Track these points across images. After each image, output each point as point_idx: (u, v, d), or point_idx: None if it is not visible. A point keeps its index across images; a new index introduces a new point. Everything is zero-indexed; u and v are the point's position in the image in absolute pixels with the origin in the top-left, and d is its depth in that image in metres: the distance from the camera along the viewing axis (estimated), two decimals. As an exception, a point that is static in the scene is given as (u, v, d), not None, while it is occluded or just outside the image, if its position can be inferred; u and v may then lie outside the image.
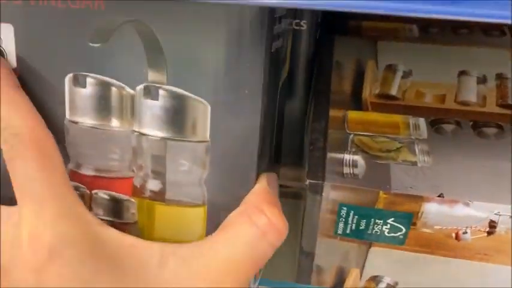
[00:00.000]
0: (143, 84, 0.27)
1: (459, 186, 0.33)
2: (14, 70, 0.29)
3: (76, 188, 0.30)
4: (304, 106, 0.45)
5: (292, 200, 0.41)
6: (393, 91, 0.40)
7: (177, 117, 0.27)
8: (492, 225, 0.32)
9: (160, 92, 0.27)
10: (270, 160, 0.33)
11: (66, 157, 0.29)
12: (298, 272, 0.41)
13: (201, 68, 0.26)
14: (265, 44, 0.26)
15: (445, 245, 0.34)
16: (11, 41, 0.28)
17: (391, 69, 0.42)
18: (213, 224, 0.29)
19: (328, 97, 0.40)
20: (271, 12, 0.26)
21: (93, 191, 0.30)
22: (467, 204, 0.32)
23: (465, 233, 0.33)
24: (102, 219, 0.28)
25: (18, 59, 0.28)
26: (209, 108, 0.27)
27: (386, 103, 0.39)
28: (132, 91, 0.28)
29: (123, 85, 0.28)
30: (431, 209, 0.33)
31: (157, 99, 0.27)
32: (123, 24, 0.26)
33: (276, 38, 0.29)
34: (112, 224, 0.29)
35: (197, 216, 0.29)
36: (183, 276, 0.26)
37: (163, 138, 0.28)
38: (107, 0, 0.26)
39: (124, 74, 0.27)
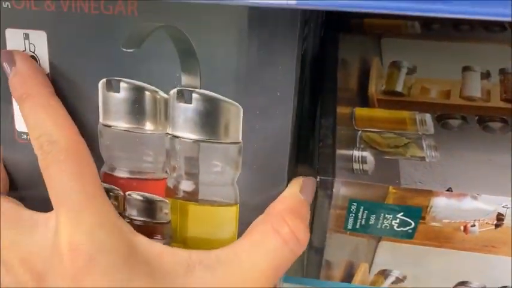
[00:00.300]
0: (177, 88, 0.28)
1: (467, 180, 0.33)
2: (47, 76, 0.29)
3: (110, 190, 0.31)
4: (310, 103, 0.45)
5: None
6: (399, 87, 0.41)
7: (210, 119, 0.28)
8: (500, 218, 0.33)
9: (194, 95, 0.28)
10: (295, 159, 0.33)
11: (99, 160, 0.30)
12: (306, 267, 0.42)
13: (234, 71, 0.27)
14: (296, 47, 0.26)
15: (454, 238, 0.35)
16: (44, 47, 0.28)
17: (395, 66, 0.43)
18: (244, 222, 0.30)
19: (335, 94, 0.40)
20: (302, 15, 0.26)
21: (127, 193, 0.31)
22: (475, 198, 0.33)
23: (473, 226, 0.34)
24: (136, 220, 0.29)
25: (51, 65, 0.29)
26: (241, 110, 0.28)
27: (392, 99, 0.40)
28: (165, 95, 0.28)
29: (157, 89, 0.28)
30: (440, 203, 0.33)
31: (190, 103, 0.28)
32: (156, 29, 0.26)
33: (304, 40, 0.29)
34: (145, 225, 0.30)
35: (229, 215, 0.30)
36: (208, 284, 0.27)
37: (197, 141, 0.28)
38: (140, 6, 0.26)
39: (157, 78, 0.28)
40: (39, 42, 0.28)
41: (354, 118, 0.38)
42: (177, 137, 0.29)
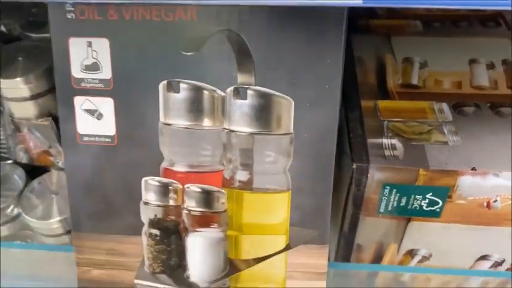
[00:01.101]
0: (233, 86, 0.30)
1: (488, 159, 0.37)
2: (109, 80, 0.31)
3: (169, 184, 0.33)
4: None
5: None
6: (414, 80, 0.44)
7: (263, 113, 0.30)
8: (519, 192, 0.37)
9: (249, 92, 0.30)
10: None
11: (159, 156, 0.32)
12: (337, 251, 0.44)
13: (286, 67, 0.29)
14: (342, 43, 0.29)
15: (477, 214, 0.38)
16: (107, 54, 0.31)
17: (408, 61, 0.46)
18: (295, 208, 0.32)
19: (357, 89, 0.43)
20: (348, 12, 0.29)
21: (186, 186, 0.33)
22: (497, 175, 0.36)
23: (495, 201, 0.37)
24: (194, 211, 0.31)
25: (113, 69, 0.31)
26: (293, 103, 0.30)
27: (410, 92, 0.43)
28: (222, 93, 0.31)
29: (215, 88, 0.31)
30: (466, 182, 0.36)
31: (246, 99, 0.30)
32: (215, 33, 0.29)
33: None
34: (203, 215, 0.32)
35: (282, 201, 0.33)
36: None
37: (251, 133, 0.31)
38: (199, 12, 0.28)
39: (215, 78, 0.30)
40: (102, 49, 0.30)
41: (378, 110, 0.41)
42: (233, 131, 0.31)
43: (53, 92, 0.46)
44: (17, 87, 0.43)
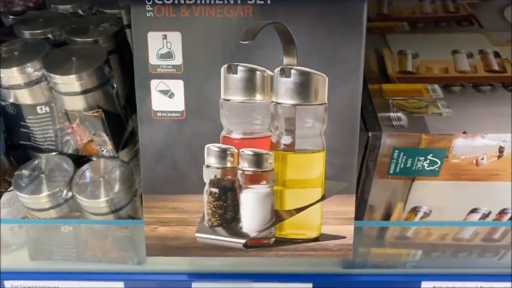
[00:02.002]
0: (279, 67, 0.38)
1: (476, 125, 0.46)
2: (180, 66, 0.38)
3: (227, 149, 0.40)
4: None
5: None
6: (409, 68, 0.54)
7: (303, 88, 0.38)
8: (501, 150, 0.45)
9: (292, 71, 0.38)
10: None
11: (220, 127, 0.40)
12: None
13: (322, 51, 0.38)
14: (364, 31, 0.38)
15: (468, 170, 0.47)
16: (179, 44, 0.38)
17: (402, 53, 0.56)
18: (329, 164, 0.40)
19: (364, 77, 0.52)
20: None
21: (241, 150, 0.40)
22: (483, 137, 0.45)
23: (482, 159, 0.46)
24: (247, 170, 0.39)
25: (184, 57, 0.38)
26: (327, 79, 0.39)
27: (407, 77, 0.52)
28: (271, 73, 0.38)
29: (265, 69, 0.38)
30: (459, 143, 0.45)
31: (290, 77, 0.38)
32: (266, 25, 0.37)
33: None
34: (255, 174, 0.40)
35: (319, 159, 0.40)
36: None
37: (294, 105, 0.39)
38: (254, 9, 0.36)
39: (265, 61, 0.38)
40: (175, 40, 0.38)
41: (383, 91, 0.50)
42: (279, 103, 0.39)
43: (101, 88, 0.53)
44: (71, 82, 0.50)
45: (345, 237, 0.43)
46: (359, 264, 0.55)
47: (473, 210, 0.51)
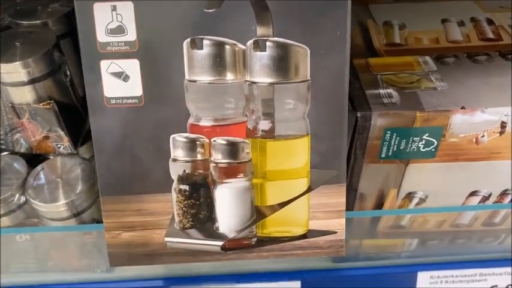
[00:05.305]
0: (253, 39, 0.33)
1: (474, 99, 0.41)
2: (134, 42, 0.33)
3: (196, 139, 0.35)
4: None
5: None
6: (397, 40, 0.49)
7: (282, 63, 0.33)
8: (503, 125, 0.41)
9: (268, 43, 0.33)
10: None
11: (186, 113, 0.34)
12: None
13: (301, 17, 0.32)
14: None
15: (467, 149, 0.42)
16: (131, 17, 0.32)
17: (388, 24, 0.51)
18: (315, 151, 0.35)
19: (348, 50, 0.47)
20: None
21: (212, 139, 0.35)
22: (483, 111, 0.40)
23: (483, 136, 0.42)
24: (221, 163, 0.33)
25: (138, 31, 0.32)
26: (309, 51, 0.33)
27: (395, 49, 0.47)
28: (243, 46, 0.33)
29: (236, 42, 0.33)
30: (457, 120, 0.40)
31: (265, 50, 0.33)
32: None
33: None
34: (230, 166, 0.34)
35: (303, 145, 0.35)
36: None
37: (271, 83, 0.33)
38: None
39: (235, 33, 0.32)
40: (127, 12, 0.32)
41: (370, 66, 0.45)
42: (255, 82, 0.34)
43: (51, 76, 0.47)
44: (16, 71, 0.44)
45: (335, 232, 0.38)
46: (350, 257, 0.51)
47: (473, 193, 0.46)
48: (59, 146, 0.49)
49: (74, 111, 0.49)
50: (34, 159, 0.51)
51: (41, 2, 0.51)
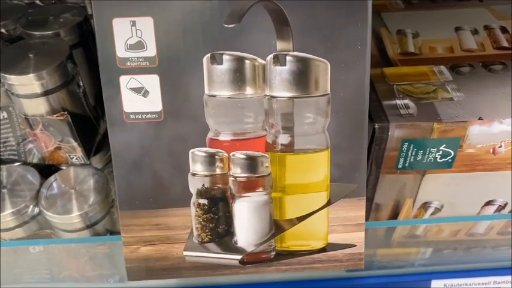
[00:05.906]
0: (273, 54, 0.32)
1: (491, 109, 0.41)
2: (154, 57, 0.32)
3: (215, 154, 0.34)
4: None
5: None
6: (411, 49, 0.48)
7: (302, 77, 0.33)
8: (521, 135, 0.41)
9: (288, 58, 0.32)
10: None
11: (205, 128, 0.34)
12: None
13: (322, 32, 0.32)
14: (369, 6, 0.32)
15: (484, 160, 0.42)
16: (151, 32, 0.32)
17: (401, 33, 0.50)
18: (334, 164, 0.35)
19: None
20: None
21: (231, 154, 0.35)
22: (501, 122, 0.40)
23: (500, 146, 0.41)
24: (240, 177, 0.33)
25: (158, 46, 0.32)
26: (329, 65, 0.33)
27: (409, 59, 0.47)
28: (263, 61, 0.33)
29: (255, 57, 0.33)
30: (474, 131, 0.40)
31: (285, 65, 0.32)
32: (254, 4, 0.31)
33: None
34: (249, 180, 0.34)
35: (322, 159, 0.35)
36: None
37: (291, 98, 0.33)
38: None
39: (255, 48, 0.32)
40: (146, 27, 0.32)
41: (386, 76, 0.45)
42: (274, 97, 0.33)
43: (65, 87, 0.47)
44: (29, 83, 0.43)
45: (355, 246, 0.38)
46: (365, 266, 0.51)
47: (488, 203, 0.46)
48: (71, 156, 0.49)
49: (86, 122, 0.49)
50: (46, 169, 0.51)
51: (53, 12, 0.51)
